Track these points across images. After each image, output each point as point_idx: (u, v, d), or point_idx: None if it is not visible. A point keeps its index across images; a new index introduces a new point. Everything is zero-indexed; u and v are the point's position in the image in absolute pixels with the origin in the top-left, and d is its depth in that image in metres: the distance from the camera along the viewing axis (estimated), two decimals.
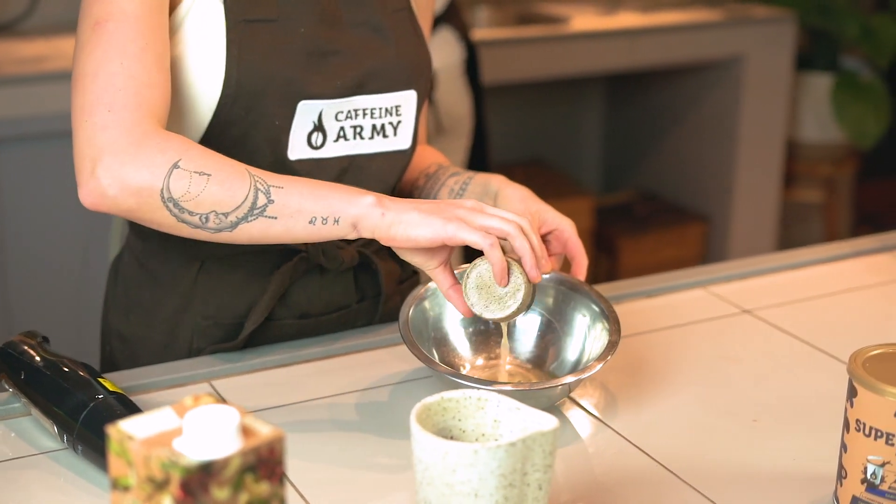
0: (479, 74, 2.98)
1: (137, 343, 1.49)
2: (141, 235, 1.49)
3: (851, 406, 1.11)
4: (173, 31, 1.34)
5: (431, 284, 1.39)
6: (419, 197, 1.57)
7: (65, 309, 2.79)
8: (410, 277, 1.61)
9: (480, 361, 1.39)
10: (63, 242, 2.73)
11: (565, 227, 1.43)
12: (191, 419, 0.80)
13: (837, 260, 1.78)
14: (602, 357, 1.29)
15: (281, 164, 1.39)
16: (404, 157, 1.49)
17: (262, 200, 1.24)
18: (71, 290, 2.79)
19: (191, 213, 1.24)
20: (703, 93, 3.93)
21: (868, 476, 1.10)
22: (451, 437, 1.04)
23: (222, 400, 0.89)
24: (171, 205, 1.24)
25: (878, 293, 1.68)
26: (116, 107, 1.24)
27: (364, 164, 1.45)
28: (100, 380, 1.24)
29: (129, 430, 0.82)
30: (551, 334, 1.39)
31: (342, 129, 1.42)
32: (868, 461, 1.10)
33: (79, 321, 2.69)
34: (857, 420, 1.10)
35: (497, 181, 1.48)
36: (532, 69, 3.52)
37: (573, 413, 1.32)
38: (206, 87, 1.35)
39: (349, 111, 1.42)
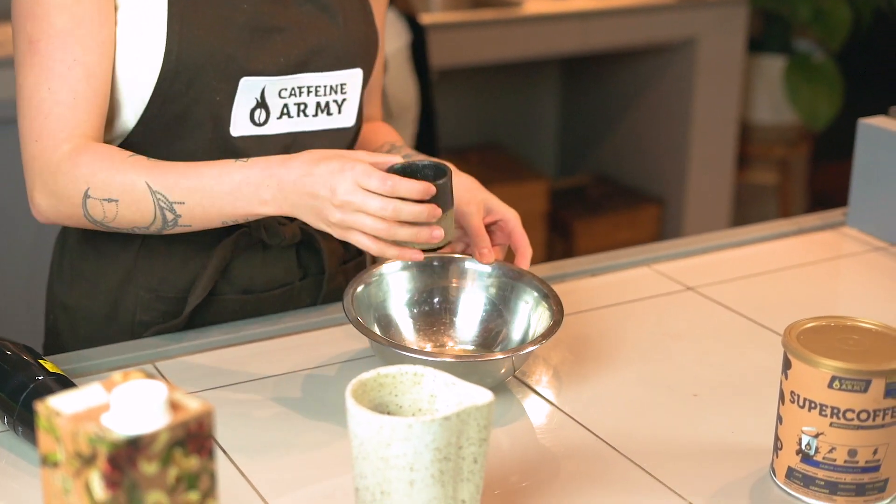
0: (427, 59, 2.96)
1: (80, 313, 1.49)
2: None
3: (786, 378, 1.12)
4: (117, 7, 1.35)
5: (377, 269, 1.40)
6: None
7: (16, 281, 2.78)
8: (356, 258, 1.61)
9: (429, 348, 1.39)
10: (16, 215, 2.70)
11: (510, 218, 1.44)
12: (118, 394, 0.80)
13: (781, 237, 1.80)
14: (545, 334, 1.30)
15: (223, 141, 1.40)
16: (348, 134, 1.49)
17: (169, 217, 1.32)
18: (23, 262, 2.78)
19: (118, 229, 1.36)
20: (657, 76, 3.94)
21: (803, 447, 1.11)
22: (388, 413, 1.05)
23: (163, 380, 0.89)
24: (98, 224, 1.35)
25: (821, 269, 1.70)
26: (42, 136, 1.34)
27: (308, 142, 1.45)
28: (41, 361, 1.24)
29: (57, 406, 0.82)
30: (497, 320, 1.40)
31: (286, 106, 1.42)
32: (802, 432, 1.11)
33: (30, 294, 2.69)
34: (792, 392, 1.11)
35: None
36: (486, 53, 3.52)
37: (517, 390, 1.33)
38: (148, 61, 1.35)
39: (293, 88, 1.42)
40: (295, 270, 1.52)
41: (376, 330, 1.36)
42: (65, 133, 1.34)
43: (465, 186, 1.45)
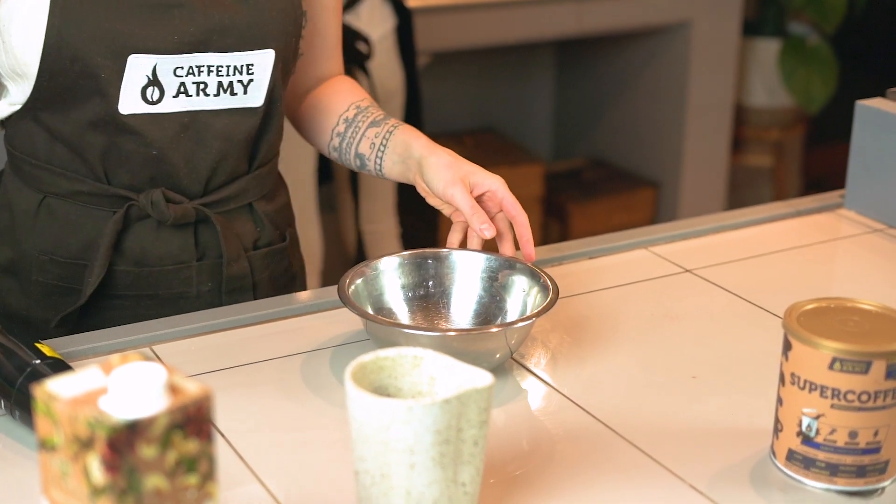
0: (413, 44, 2.94)
1: None
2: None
3: (786, 360, 1.12)
4: None
5: (375, 263, 1.38)
6: (342, 147, 1.55)
7: None
8: (276, 244, 1.57)
9: None
10: None
11: (497, 187, 1.43)
12: (117, 377, 0.79)
13: (778, 220, 1.79)
14: (540, 311, 1.29)
15: (112, 118, 1.38)
16: (255, 114, 1.45)
17: None
18: None
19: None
20: (652, 59, 3.94)
21: (803, 429, 1.11)
22: (388, 396, 1.04)
23: (161, 363, 0.89)
24: None
25: (818, 251, 1.69)
26: None
27: (208, 121, 1.42)
28: (37, 345, 1.23)
29: (54, 389, 0.81)
30: (493, 306, 1.39)
31: (183, 84, 1.39)
32: (803, 414, 1.11)
33: None
34: (792, 374, 1.11)
35: (420, 146, 1.47)
36: (480, 36, 3.51)
37: (515, 372, 1.33)
38: (32, 36, 1.35)
39: (190, 67, 1.39)
40: (191, 249, 1.48)
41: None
42: None
43: (445, 164, 1.43)
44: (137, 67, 1.36)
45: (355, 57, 2.71)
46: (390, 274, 1.39)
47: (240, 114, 1.44)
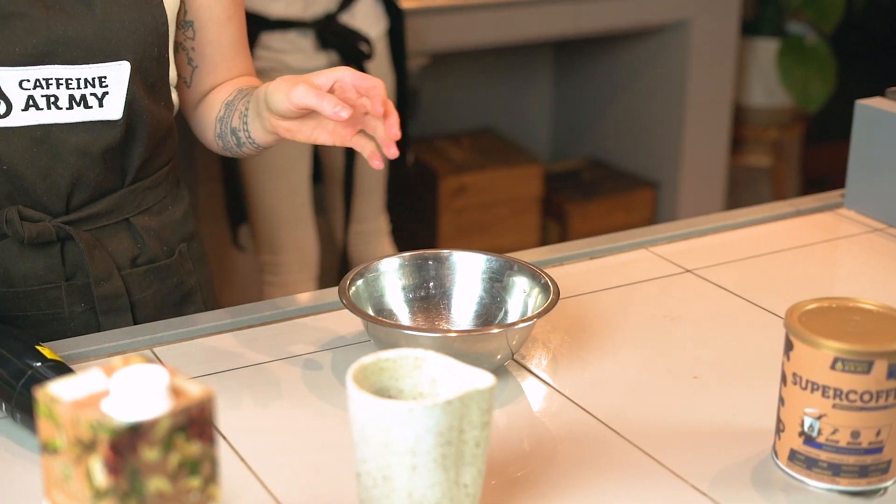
0: (404, 46, 2.93)
1: None
2: None
3: (788, 360, 1.12)
4: None
5: (374, 265, 1.38)
6: (223, 132, 1.49)
7: None
8: (160, 261, 1.52)
9: None
10: None
11: (342, 74, 1.31)
12: (119, 380, 0.79)
13: (779, 219, 1.79)
14: (541, 312, 1.29)
15: None
16: (114, 127, 1.41)
17: None
18: None
19: None
20: (650, 59, 3.93)
21: (805, 429, 1.11)
22: (390, 397, 1.04)
23: (160, 363, 0.89)
24: None
25: (819, 251, 1.69)
26: None
27: (63, 135, 1.38)
28: (38, 348, 1.23)
29: (56, 392, 0.81)
30: (493, 307, 1.39)
31: (31, 97, 1.35)
32: (805, 414, 1.10)
33: None
34: (794, 373, 1.11)
35: (263, 87, 1.38)
36: (478, 36, 3.50)
37: (517, 373, 1.33)
38: None
39: (37, 80, 1.35)
40: (59, 269, 1.44)
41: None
42: None
43: (281, 81, 1.34)
44: None
45: (356, 57, 2.70)
46: (391, 275, 1.39)
47: (97, 127, 1.39)
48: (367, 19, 2.78)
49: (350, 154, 2.90)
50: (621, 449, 1.19)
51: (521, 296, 1.37)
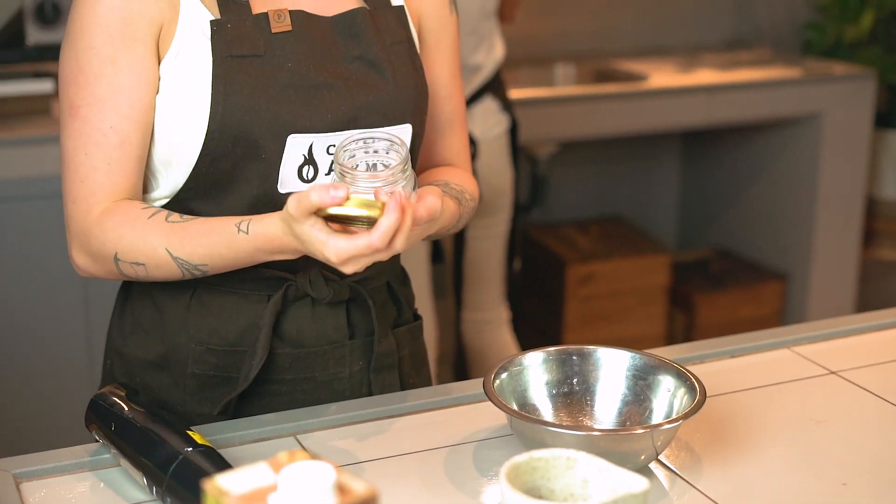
0: (517, 143, 2.97)
1: (134, 362, 1.51)
2: None
3: None
4: (164, 78, 1.40)
5: (519, 358, 1.39)
6: None
7: (76, 325, 2.83)
8: (411, 323, 1.60)
9: None
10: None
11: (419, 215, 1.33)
12: (286, 475, 0.80)
13: None
14: (687, 413, 1.28)
15: (270, 198, 1.41)
16: None
17: (197, 273, 1.39)
18: (81, 307, 2.82)
19: (153, 282, 1.44)
20: (781, 149, 3.91)
21: None
22: (540, 497, 1.04)
23: (314, 455, 0.90)
24: (133, 278, 1.42)
25: None
26: (78, 198, 1.41)
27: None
28: (188, 432, 1.25)
29: (224, 485, 0.82)
30: (638, 406, 1.38)
31: (333, 163, 1.41)
32: None
33: (90, 338, 2.80)
34: None
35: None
36: (610, 125, 3.52)
37: (660, 473, 1.31)
38: (194, 123, 1.39)
39: None
40: (344, 328, 1.50)
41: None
42: (97, 197, 1.40)
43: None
44: (296, 146, 1.40)
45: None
46: (535, 369, 1.39)
47: None
48: (484, 122, 2.83)
49: (459, 239, 2.92)
50: None
51: (667, 395, 1.36)
